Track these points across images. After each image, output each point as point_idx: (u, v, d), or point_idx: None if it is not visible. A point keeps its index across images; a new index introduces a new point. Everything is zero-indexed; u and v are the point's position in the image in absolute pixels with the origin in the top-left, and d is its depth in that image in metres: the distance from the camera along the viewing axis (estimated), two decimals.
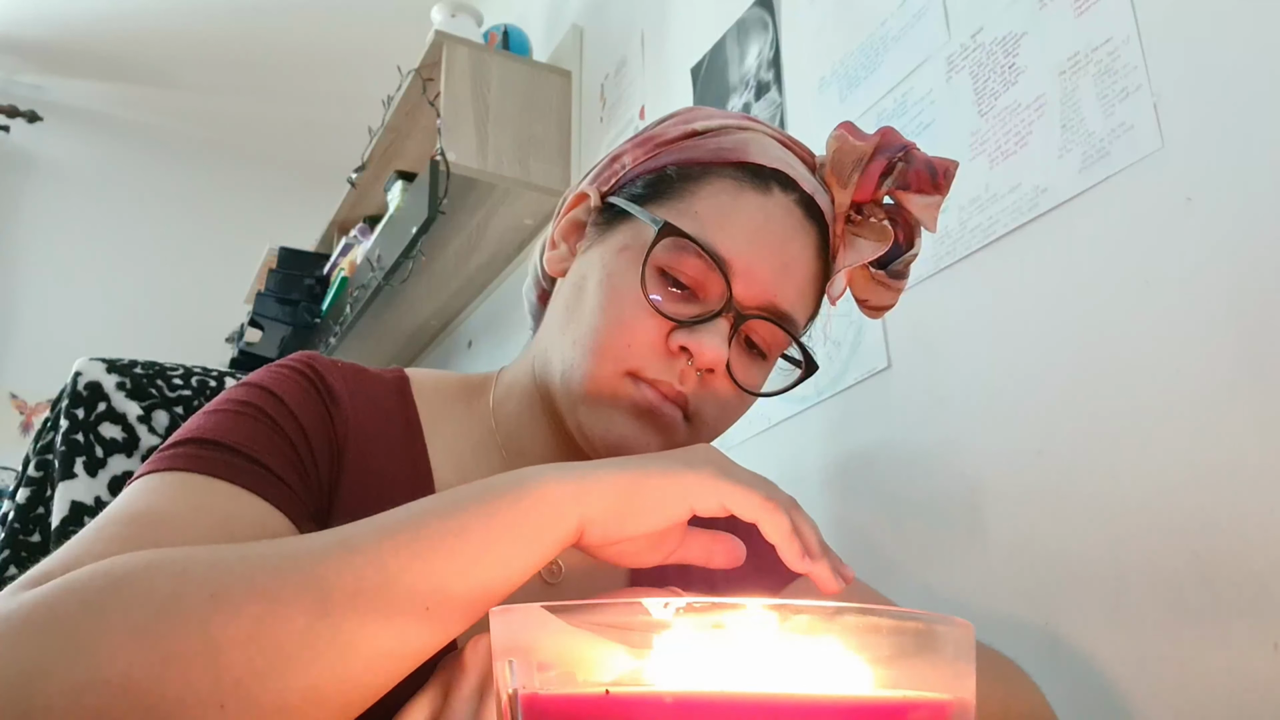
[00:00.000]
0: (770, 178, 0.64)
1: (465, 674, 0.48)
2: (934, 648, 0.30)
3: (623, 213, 0.65)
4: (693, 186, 0.64)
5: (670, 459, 0.51)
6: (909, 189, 0.65)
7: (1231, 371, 0.78)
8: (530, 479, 0.48)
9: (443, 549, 0.45)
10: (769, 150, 0.66)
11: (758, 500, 0.49)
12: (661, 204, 0.64)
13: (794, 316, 0.64)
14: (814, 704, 0.28)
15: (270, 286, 2.66)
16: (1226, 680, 0.74)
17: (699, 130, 0.67)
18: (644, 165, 0.67)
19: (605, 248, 0.65)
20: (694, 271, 0.61)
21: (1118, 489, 0.85)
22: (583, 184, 0.70)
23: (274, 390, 0.61)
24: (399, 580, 0.44)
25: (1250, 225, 0.79)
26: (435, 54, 2.01)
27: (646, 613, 0.29)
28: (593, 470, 0.49)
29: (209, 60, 3.17)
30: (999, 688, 0.68)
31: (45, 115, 3.34)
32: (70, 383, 0.83)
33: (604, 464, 0.50)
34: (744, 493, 0.49)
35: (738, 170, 0.64)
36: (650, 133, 0.69)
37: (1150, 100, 0.88)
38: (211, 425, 0.58)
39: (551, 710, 0.29)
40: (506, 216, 2.07)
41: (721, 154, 0.65)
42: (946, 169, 0.65)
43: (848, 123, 0.66)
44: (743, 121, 0.68)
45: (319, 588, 0.43)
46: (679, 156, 0.66)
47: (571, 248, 0.69)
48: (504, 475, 0.49)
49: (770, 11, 1.47)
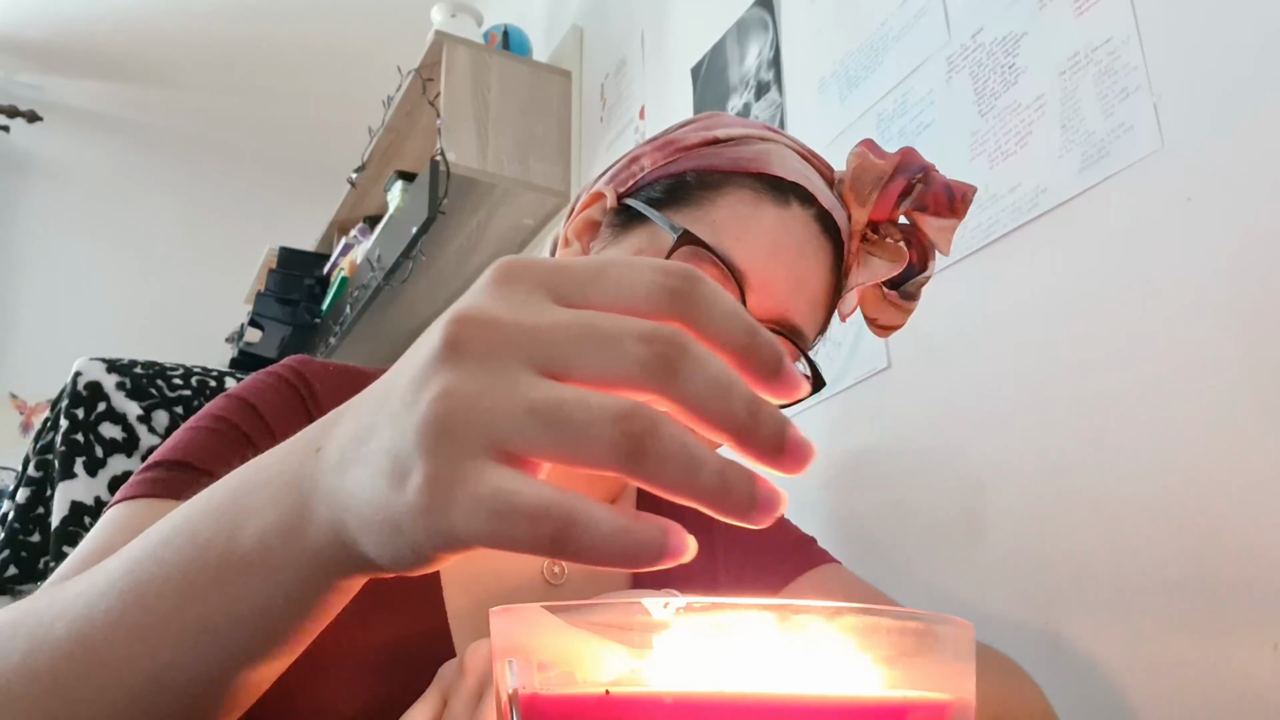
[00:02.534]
0: (789, 191, 0.64)
1: (465, 678, 0.48)
2: (934, 648, 0.30)
3: (639, 215, 0.65)
4: (711, 195, 0.63)
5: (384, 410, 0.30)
6: (926, 211, 0.65)
7: (1232, 371, 0.78)
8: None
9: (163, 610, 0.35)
10: (789, 163, 0.65)
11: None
12: (679, 210, 0.63)
13: (804, 331, 0.64)
14: (814, 704, 0.28)
15: (270, 286, 2.66)
16: (1226, 680, 0.74)
17: (720, 138, 0.67)
18: (663, 169, 0.66)
19: (619, 249, 0.65)
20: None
21: (1118, 489, 0.85)
22: (599, 183, 0.70)
23: (251, 401, 0.62)
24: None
25: (1250, 225, 0.79)
26: (435, 54, 2.01)
27: (646, 613, 0.29)
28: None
29: (209, 60, 3.17)
30: (999, 688, 0.68)
31: (45, 115, 3.34)
32: (70, 383, 0.83)
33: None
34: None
35: (757, 181, 0.64)
36: (670, 136, 0.68)
37: (1150, 100, 0.88)
38: (183, 444, 0.59)
39: (551, 710, 0.29)
40: (506, 216, 2.07)
41: (741, 164, 0.65)
42: (964, 193, 0.65)
43: (869, 140, 0.67)
44: (764, 132, 0.68)
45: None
46: (698, 163, 0.65)
47: (584, 246, 0.69)
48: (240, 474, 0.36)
49: (770, 11, 1.47)
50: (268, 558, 0.33)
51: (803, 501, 1.20)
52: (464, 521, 0.26)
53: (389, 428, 0.28)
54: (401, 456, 0.27)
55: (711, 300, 0.28)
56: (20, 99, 3.32)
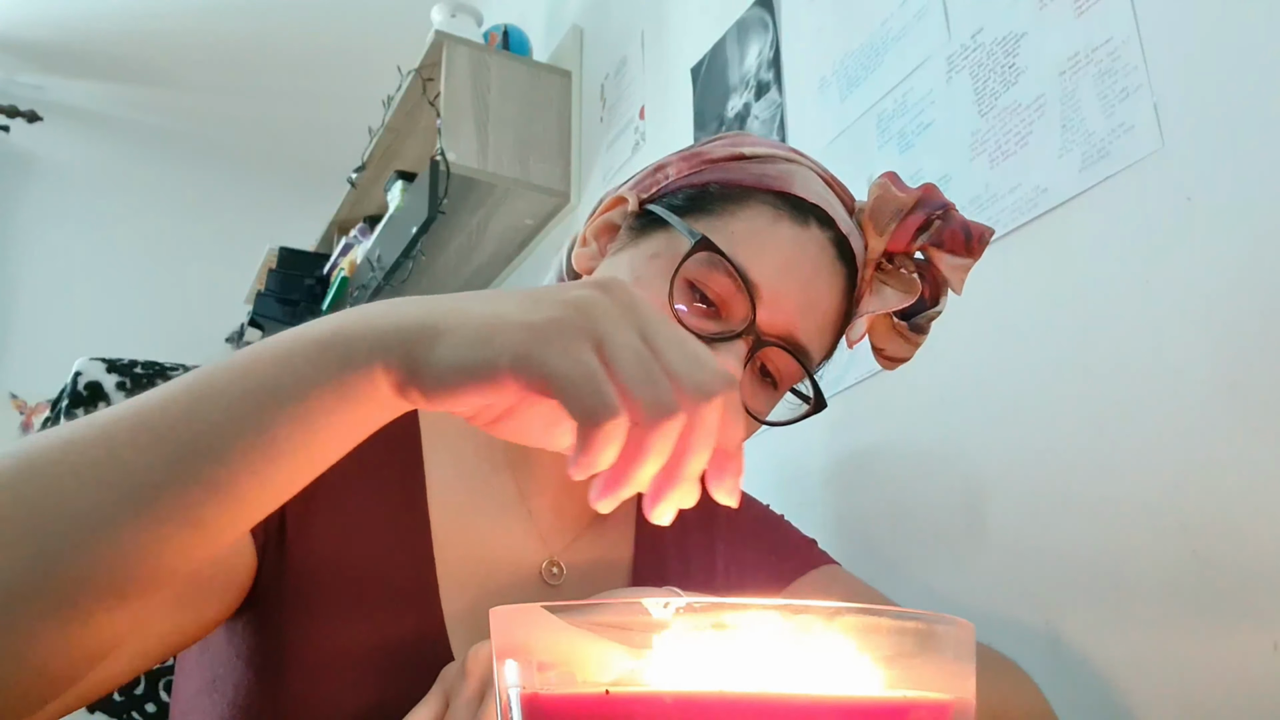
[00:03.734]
0: (809, 212, 0.64)
1: (467, 680, 0.48)
2: (934, 648, 0.30)
3: (658, 221, 0.65)
4: (732, 207, 0.64)
5: (542, 298, 0.38)
6: (942, 247, 0.66)
7: (1232, 371, 0.78)
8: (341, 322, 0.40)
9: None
10: (811, 185, 0.66)
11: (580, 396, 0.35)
12: (699, 218, 0.64)
13: (811, 351, 0.64)
14: (814, 704, 0.28)
15: (270, 286, 2.66)
16: (1226, 680, 0.74)
17: (746, 154, 0.67)
18: (687, 179, 0.67)
19: (636, 252, 0.65)
20: (721, 289, 0.61)
21: (1118, 489, 0.85)
22: (622, 189, 0.70)
23: None
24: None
25: (1250, 225, 0.79)
26: (435, 54, 2.01)
27: (646, 613, 0.29)
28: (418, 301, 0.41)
29: (209, 60, 3.17)
30: (999, 688, 0.68)
31: (45, 115, 3.34)
32: (70, 383, 0.83)
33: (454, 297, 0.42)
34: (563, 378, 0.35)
35: (778, 199, 0.64)
36: (698, 149, 0.69)
37: (1150, 100, 0.88)
38: None
39: (551, 710, 0.29)
40: (506, 216, 2.07)
41: (765, 181, 0.65)
42: (982, 234, 0.66)
43: (891, 173, 0.67)
44: (790, 154, 0.69)
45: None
46: (723, 176, 0.66)
47: (602, 248, 0.69)
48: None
49: (770, 11, 1.47)
50: (341, 332, 0.39)
51: (802, 501, 1.20)
52: (557, 362, 0.35)
53: (535, 294, 0.39)
54: (538, 302, 0.37)
55: (728, 416, 0.39)
56: (20, 99, 3.31)
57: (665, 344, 0.37)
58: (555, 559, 0.67)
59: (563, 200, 2.02)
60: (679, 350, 0.37)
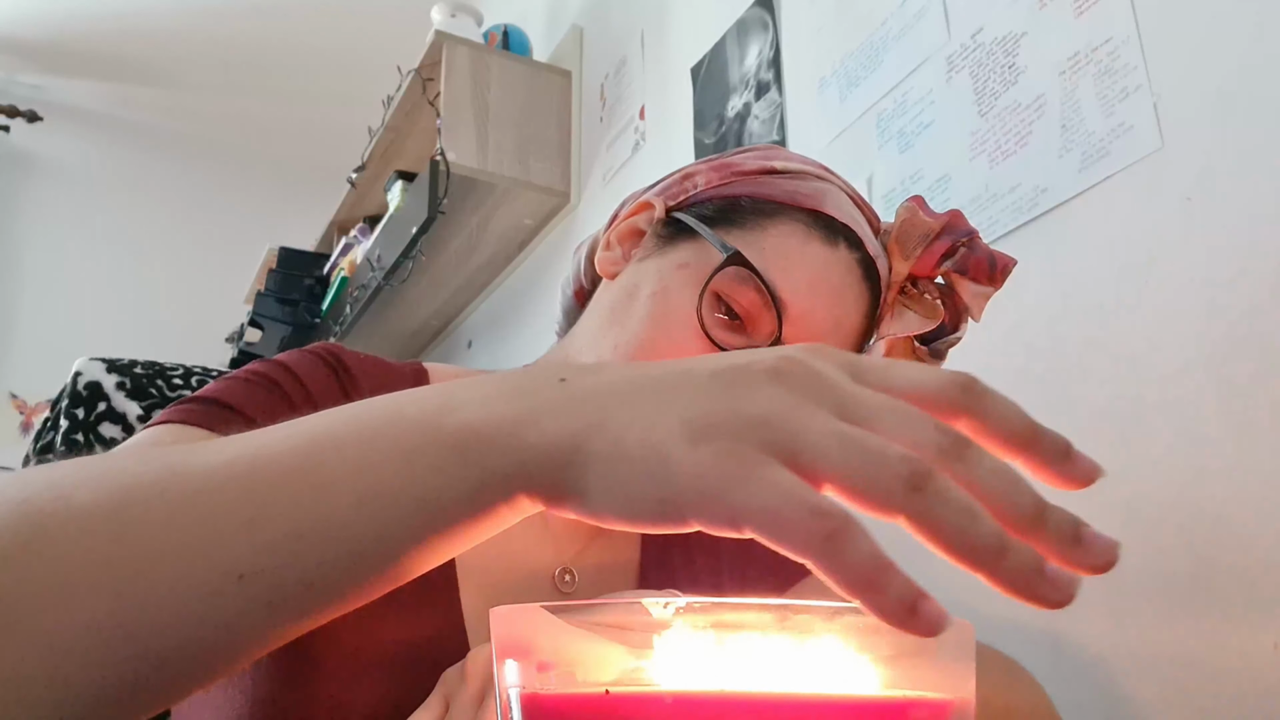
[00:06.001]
0: (840, 232, 0.65)
1: (466, 683, 0.48)
2: (934, 648, 0.30)
3: (687, 230, 0.65)
4: (764, 222, 0.64)
5: (700, 399, 0.30)
6: (965, 274, 0.66)
7: (1231, 371, 0.78)
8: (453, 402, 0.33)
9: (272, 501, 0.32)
10: (842, 205, 0.66)
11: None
12: (729, 231, 0.64)
13: None
14: (814, 704, 0.28)
15: (270, 286, 2.66)
16: (1226, 680, 0.74)
17: (778, 169, 0.67)
18: (716, 189, 0.67)
19: (664, 261, 0.65)
20: (749, 304, 0.61)
21: (1118, 489, 0.85)
22: (648, 194, 0.70)
23: (288, 364, 0.62)
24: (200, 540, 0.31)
25: (1250, 225, 0.79)
26: (435, 54, 2.01)
27: (646, 613, 0.29)
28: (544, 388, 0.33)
29: (209, 60, 3.17)
30: (1002, 686, 0.68)
31: (45, 115, 3.34)
32: (70, 383, 0.83)
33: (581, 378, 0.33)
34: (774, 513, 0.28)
35: (810, 218, 0.64)
36: (726, 160, 0.69)
37: (1150, 100, 0.88)
38: (214, 388, 0.60)
39: (551, 710, 0.29)
40: (506, 216, 2.08)
41: (797, 198, 0.65)
42: (1005, 264, 0.67)
43: (918, 197, 0.68)
44: (820, 171, 0.69)
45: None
46: (754, 189, 0.66)
47: (626, 253, 0.69)
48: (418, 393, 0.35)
49: (770, 11, 1.47)
50: (473, 439, 0.32)
51: None
52: (747, 496, 0.27)
53: (693, 395, 0.30)
54: (707, 424, 0.29)
55: (996, 395, 0.32)
56: (20, 99, 3.32)
57: (872, 413, 0.29)
58: (567, 566, 0.67)
59: (563, 200, 2.02)
60: (891, 415, 0.30)
